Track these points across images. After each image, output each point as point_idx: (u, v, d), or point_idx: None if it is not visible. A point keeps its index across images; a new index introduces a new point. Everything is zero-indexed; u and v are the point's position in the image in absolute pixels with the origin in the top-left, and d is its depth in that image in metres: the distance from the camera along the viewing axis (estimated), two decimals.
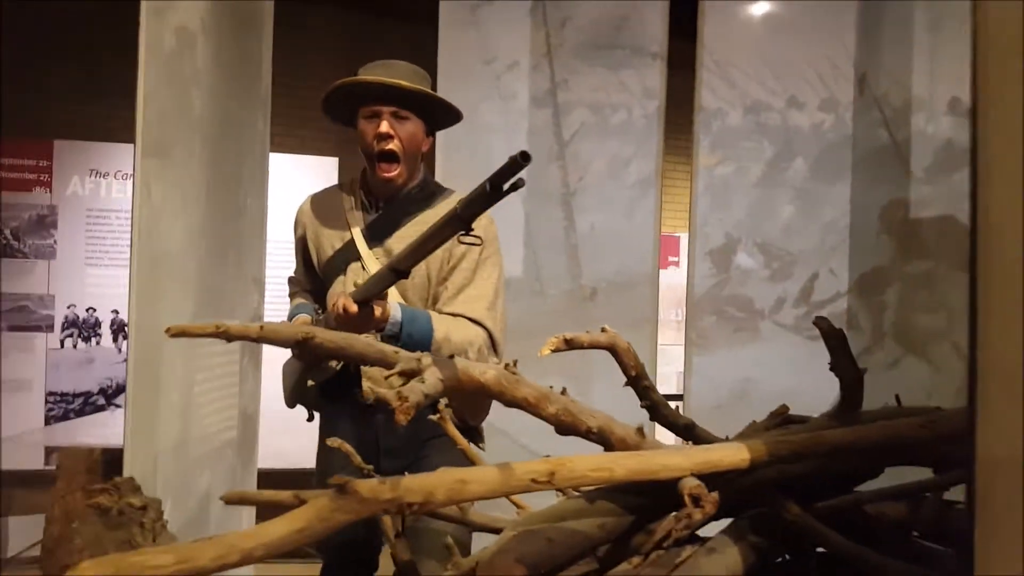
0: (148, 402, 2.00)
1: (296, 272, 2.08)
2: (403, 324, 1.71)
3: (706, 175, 2.71)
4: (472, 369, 1.33)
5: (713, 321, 2.70)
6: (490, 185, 1.18)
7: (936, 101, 2.65)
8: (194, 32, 2.20)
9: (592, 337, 1.80)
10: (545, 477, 1.14)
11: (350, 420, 1.88)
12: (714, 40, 2.70)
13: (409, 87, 1.76)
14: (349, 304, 1.60)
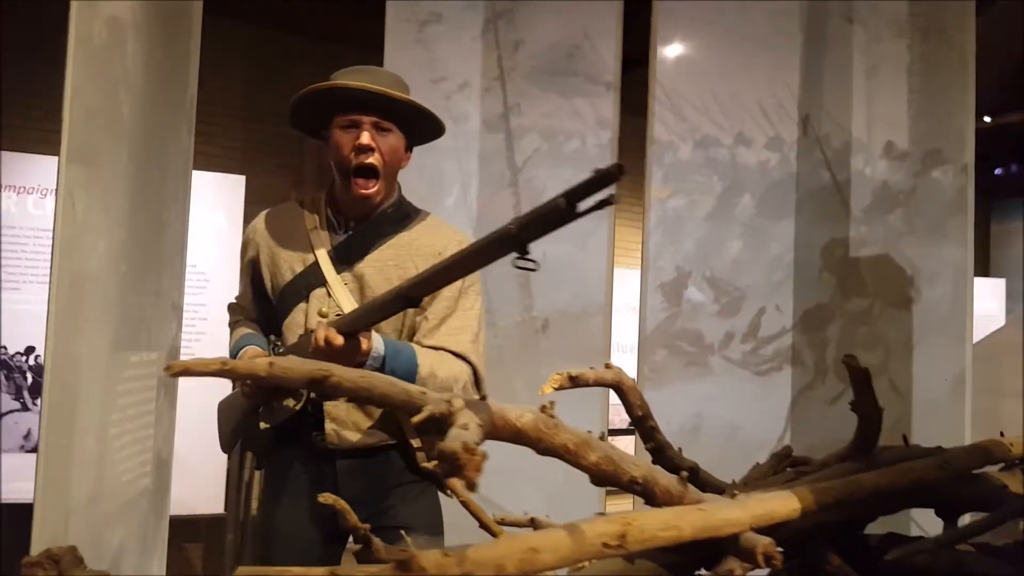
0: (62, 450, 1.70)
1: (240, 298, 1.85)
2: (386, 358, 1.54)
3: (659, 207, 2.68)
4: (508, 413, 1.18)
5: (665, 355, 2.66)
6: (566, 201, 1.01)
7: (873, 144, 2.75)
8: (125, 26, 1.94)
9: (598, 374, 1.69)
10: (616, 540, 1.01)
11: (305, 467, 1.68)
12: (665, 74, 2.70)
13: (398, 96, 1.61)
14: (333, 336, 1.41)
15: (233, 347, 1.76)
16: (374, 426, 1.65)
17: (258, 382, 1.10)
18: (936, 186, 2.68)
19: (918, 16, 2.72)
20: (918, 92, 2.72)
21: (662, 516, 1.08)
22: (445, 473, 0.94)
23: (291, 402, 1.66)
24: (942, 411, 2.65)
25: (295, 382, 1.06)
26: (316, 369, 1.05)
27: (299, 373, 1.04)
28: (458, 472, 0.89)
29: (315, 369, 1.04)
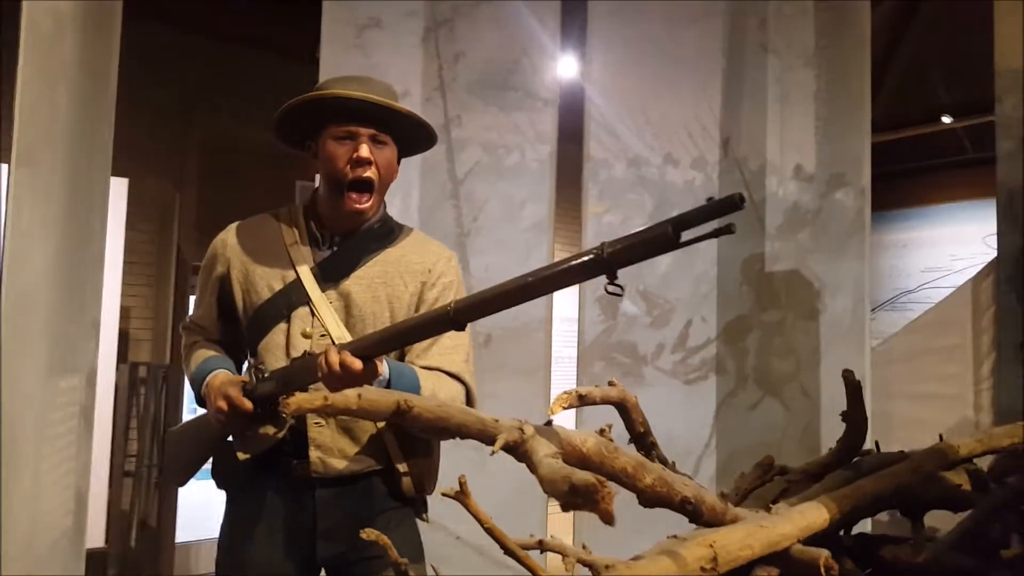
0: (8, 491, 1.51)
1: (200, 318, 1.71)
2: (390, 381, 1.47)
3: (595, 223, 2.74)
4: (573, 438, 1.18)
5: (603, 367, 2.72)
6: (673, 227, 1.00)
7: (785, 167, 2.95)
8: (64, 17, 1.75)
9: (604, 392, 1.72)
10: (710, 564, 1.04)
11: (281, 498, 1.58)
12: (599, 93, 2.76)
13: (402, 109, 1.55)
14: (351, 360, 1.31)
15: (196, 371, 1.61)
16: (361, 451, 1.57)
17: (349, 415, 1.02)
18: (839, 207, 2.91)
19: (823, 49, 2.94)
20: (823, 119, 2.95)
21: (735, 536, 1.12)
22: (576, 506, 0.93)
23: (270, 430, 1.55)
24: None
25: (379, 414, 1.00)
26: (401, 400, 1.00)
27: (385, 405, 0.99)
28: (593, 505, 0.89)
29: (400, 400, 1.00)
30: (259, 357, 1.58)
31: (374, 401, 0.99)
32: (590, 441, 1.15)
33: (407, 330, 1.30)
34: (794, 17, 2.97)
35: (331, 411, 0.94)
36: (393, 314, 1.59)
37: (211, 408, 1.52)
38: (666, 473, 1.21)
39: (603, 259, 1.06)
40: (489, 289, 1.19)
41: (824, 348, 2.91)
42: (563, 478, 0.88)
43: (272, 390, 1.49)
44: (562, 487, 0.89)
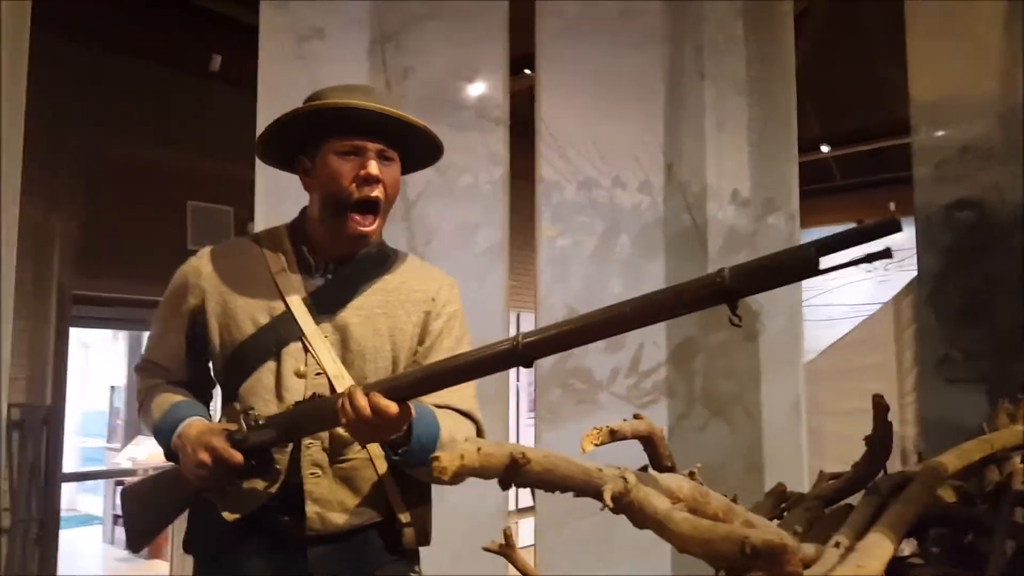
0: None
1: (163, 357, 1.49)
2: (413, 424, 1.33)
3: (548, 246, 2.67)
4: (671, 483, 1.09)
5: (560, 394, 2.65)
6: (816, 251, 0.90)
7: (723, 191, 3.01)
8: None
9: (633, 426, 1.64)
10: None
11: (266, 562, 1.38)
12: (551, 115, 2.72)
13: (419, 124, 1.41)
14: (385, 404, 1.17)
15: (164, 419, 1.40)
16: (362, 503, 1.40)
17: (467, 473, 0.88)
18: (772, 231, 3.00)
19: (754, 79, 3.04)
20: (755, 145, 3.03)
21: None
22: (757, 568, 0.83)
23: (260, 484, 1.36)
24: (785, 432, 2.95)
25: (493, 470, 0.87)
26: (516, 452, 0.87)
27: (499, 459, 0.86)
28: (779, 567, 0.80)
29: (517, 453, 0.87)
30: (244, 401, 1.38)
31: (490, 455, 0.86)
32: (686, 487, 1.07)
33: (464, 367, 1.16)
34: (727, 46, 3.05)
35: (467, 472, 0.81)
36: (395, 348, 1.45)
37: (189, 461, 1.32)
38: (749, 515, 1.14)
39: (724, 286, 0.95)
40: (577, 319, 1.08)
41: (764, 369, 2.97)
42: (734, 537, 0.78)
43: (268, 439, 1.31)
44: (727, 549, 0.79)
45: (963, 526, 1.73)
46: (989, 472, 1.88)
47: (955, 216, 2.86)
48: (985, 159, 2.78)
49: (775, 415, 2.96)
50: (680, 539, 0.86)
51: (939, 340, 2.88)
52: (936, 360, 2.91)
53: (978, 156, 2.80)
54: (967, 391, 2.78)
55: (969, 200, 2.84)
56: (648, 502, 0.92)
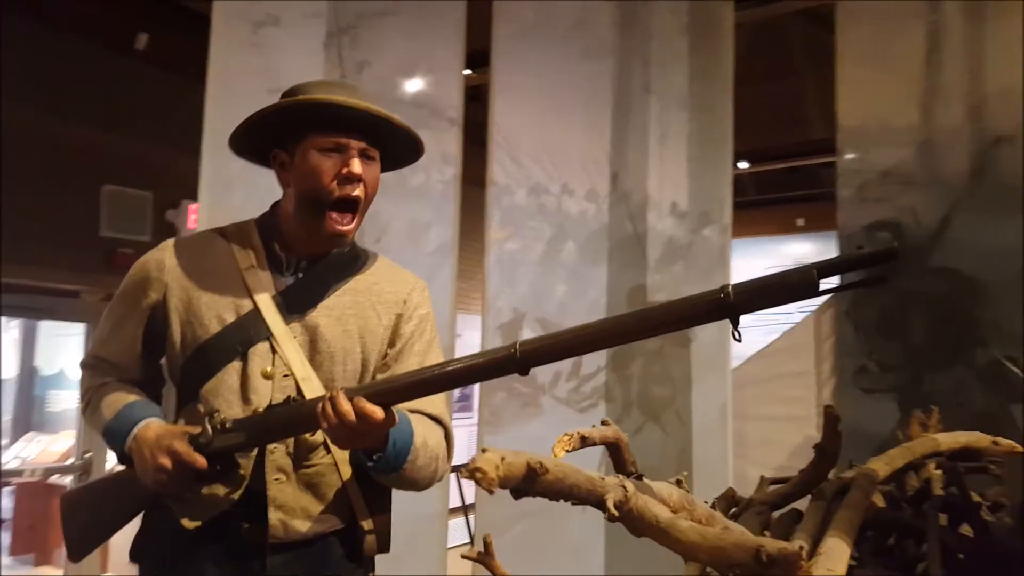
0: None
1: (113, 353, 1.43)
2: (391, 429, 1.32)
3: (497, 249, 2.69)
4: (662, 491, 1.13)
5: (504, 397, 2.67)
6: (818, 272, 0.95)
7: (663, 202, 3.11)
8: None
9: (602, 432, 1.68)
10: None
11: (222, 571, 1.34)
12: (503, 119, 2.74)
13: (403, 124, 1.39)
14: (371, 409, 1.16)
15: (117, 420, 1.35)
16: (326, 510, 1.38)
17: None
18: (707, 243, 3.12)
19: (696, 95, 3.15)
20: (694, 159, 3.15)
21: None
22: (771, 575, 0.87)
23: (221, 490, 1.32)
24: (713, 436, 3.07)
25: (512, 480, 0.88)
26: (534, 462, 0.89)
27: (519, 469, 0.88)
28: (791, 574, 0.84)
29: (533, 462, 0.89)
30: (206, 402, 1.33)
31: (511, 465, 0.88)
32: (675, 494, 1.11)
33: (460, 374, 1.17)
34: (672, 62, 3.15)
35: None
36: (364, 350, 1.43)
37: (147, 465, 1.28)
38: (727, 522, 1.20)
39: (728, 303, 1.00)
40: (583, 327, 1.11)
41: (695, 375, 3.09)
42: (747, 546, 0.83)
43: (236, 443, 1.28)
44: (740, 556, 0.83)
45: (890, 529, 1.85)
46: (909, 478, 2.02)
47: (874, 235, 3.05)
48: (904, 183, 2.98)
49: (704, 419, 3.08)
50: (686, 547, 0.89)
51: (856, 352, 3.07)
52: (853, 371, 3.10)
53: (898, 180, 2.99)
54: (881, 401, 2.97)
55: (887, 221, 3.03)
56: (648, 510, 0.95)
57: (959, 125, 2.92)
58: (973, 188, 2.85)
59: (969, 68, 2.94)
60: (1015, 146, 2.79)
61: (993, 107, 2.95)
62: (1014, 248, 2.78)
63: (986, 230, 2.77)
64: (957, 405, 2.84)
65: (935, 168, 2.94)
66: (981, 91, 2.96)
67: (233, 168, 2.24)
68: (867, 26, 3.07)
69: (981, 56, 2.90)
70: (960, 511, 1.84)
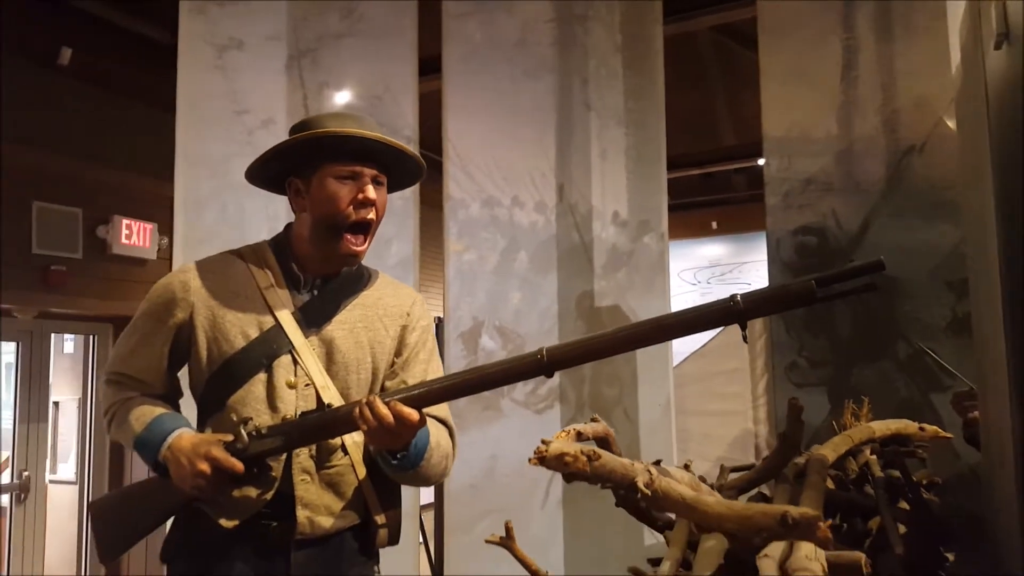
0: None
1: (139, 370, 1.51)
2: None
3: (456, 260, 2.79)
4: (676, 474, 1.27)
5: (466, 401, 2.76)
6: (817, 283, 1.10)
7: (606, 213, 3.28)
8: None
9: (594, 428, 1.82)
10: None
11: (250, 568, 1.44)
12: (457, 135, 2.84)
13: (414, 154, 1.53)
14: (407, 412, 1.29)
15: (149, 431, 1.43)
16: (346, 507, 1.49)
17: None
18: (647, 250, 3.30)
19: (631, 111, 3.33)
20: (633, 173, 3.33)
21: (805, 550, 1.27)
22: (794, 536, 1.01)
23: (253, 492, 1.42)
24: (658, 431, 3.25)
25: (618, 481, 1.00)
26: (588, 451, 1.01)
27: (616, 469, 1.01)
28: (811, 536, 0.98)
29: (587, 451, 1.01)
30: (235, 412, 1.43)
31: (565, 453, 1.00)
32: (686, 477, 1.25)
33: (492, 376, 1.29)
34: (608, 79, 3.32)
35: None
36: (375, 359, 1.54)
37: (186, 472, 1.37)
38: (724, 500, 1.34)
39: (738, 310, 1.15)
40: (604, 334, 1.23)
41: (640, 374, 3.26)
42: (771, 513, 0.96)
43: (272, 448, 1.39)
44: (765, 522, 0.97)
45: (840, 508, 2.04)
46: (848, 463, 2.23)
47: (800, 239, 3.29)
48: (825, 190, 3.23)
49: (649, 416, 3.25)
50: (713, 517, 1.03)
51: (787, 349, 3.30)
52: (785, 366, 3.33)
53: (820, 187, 3.24)
54: (812, 393, 3.20)
55: (811, 226, 3.28)
56: (673, 489, 1.09)
57: (874, 135, 3.19)
58: (889, 193, 3.12)
59: (881, 83, 3.21)
60: (925, 154, 3.07)
61: (905, 118, 3.23)
62: (928, 247, 3.04)
63: (902, 231, 3.03)
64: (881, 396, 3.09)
65: (854, 175, 3.20)
66: (893, 104, 3.23)
67: (204, 189, 2.28)
68: (787, 44, 3.31)
69: (892, 71, 3.17)
70: (898, 490, 2.05)
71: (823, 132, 3.26)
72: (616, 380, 3.22)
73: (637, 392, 3.25)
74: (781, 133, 3.36)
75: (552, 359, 1.24)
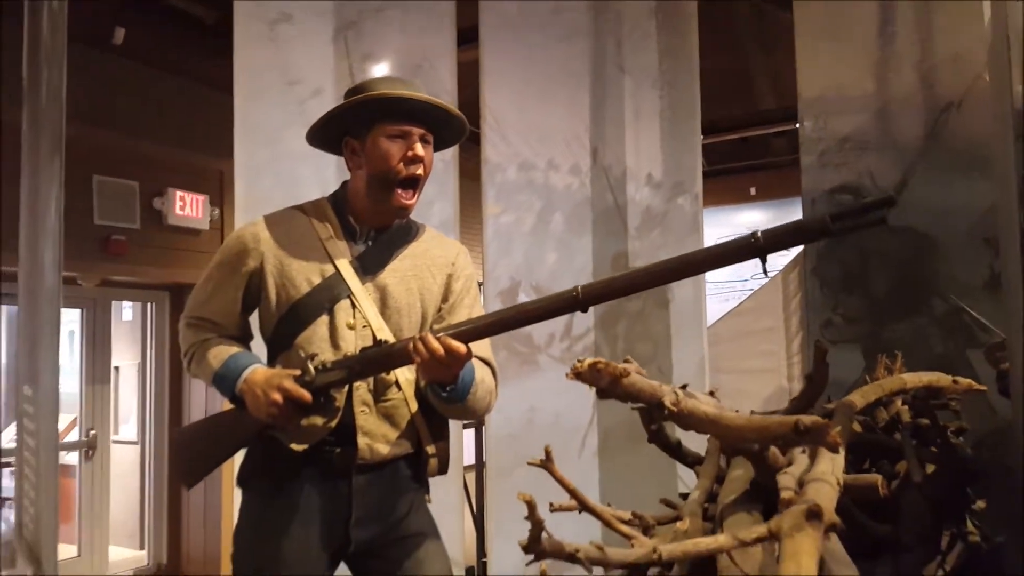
0: None
1: (215, 313, 1.68)
2: None
3: (493, 222, 2.90)
4: (701, 398, 1.36)
5: (505, 355, 2.89)
6: (831, 218, 1.19)
7: (640, 174, 3.34)
8: None
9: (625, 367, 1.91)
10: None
11: (318, 488, 1.61)
12: (494, 101, 2.93)
13: (458, 114, 1.66)
14: (456, 345, 1.43)
15: (225, 368, 1.60)
16: (401, 436, 1.65)
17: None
18: (680, 211, 3.36)
19: (665, 72, 3.37)
20: (667, 134, 3.37)
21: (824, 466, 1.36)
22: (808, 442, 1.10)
23: (319, 420, 1.58)
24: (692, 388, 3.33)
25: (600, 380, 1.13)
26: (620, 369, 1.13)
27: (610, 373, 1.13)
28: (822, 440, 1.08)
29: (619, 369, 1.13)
30: (303, 350, 1.59)
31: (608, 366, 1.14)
32: (712, 400, 1.34)
33: (531, 312, 1.41)
34: (642, 41, 3.36)
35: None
36: (424, 304, 1.69)
37: (261, 403, 1.52)
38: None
39: (759, 245, 1.25)
40: (622, 275, 1.34)
41: (674, 332, 3.34)
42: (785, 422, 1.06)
43: (336, 380, 1.54)
44: (781, 431, 1.07)
45: (867, 451, 2.11)
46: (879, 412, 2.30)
47: (836, 199, 3.31)
48: (862, 149, 3.24)
49: (683, 373, 3.33)
50: (734, 431, 1.13)
51: (822, 306, 3.33)
52: (820, 324, 3.37)
53: (856, 146, 3.25)
54: (846, 351, 3.25)
55: (848, 185, 3.29)
56: (698, 408, 1.20)
57: (912, 92, 3.18)
58: (926, 151, 3.12)
59: (919, 38, 3.20)
60: (963, 111, 3.06)
61: (942, 74, 3.21)
62: (965, 206, 3.04)
63: (939, 190, 3.03)
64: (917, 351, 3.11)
65: (891, 133, 3.20)
66: (931, 59, 3.22)
67: (261, 156, 2.43)
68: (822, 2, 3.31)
69: (930, 26, 3.15)
70: (927, 435, 2.11)
71: (859, 90, 3.26)
72: (650, 338, 3.30)
73: (671, 350, 3.33)
74: (816, 93, 3.37)
75: (587, 295, 1.35)
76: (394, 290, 1.65)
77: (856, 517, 1.40)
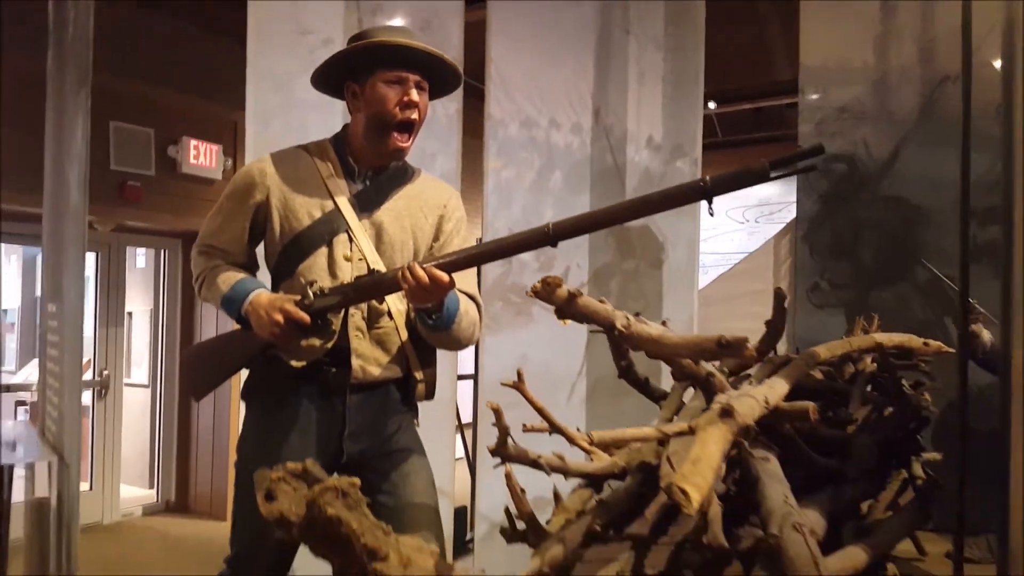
0: None
1: (225, 242, 1.81)
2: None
3: (494, 176, 3.00)
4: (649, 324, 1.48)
5: (500, 306, 3.01)
6: (771, 165, 1.31)
7: (640, 136, 3.42)
8: None
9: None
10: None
11: (315, 403, 1.75)
12: (499, 56, 3.02)
13: (452, 63, 1.76)
14: (439, 274, 1.55)
15: (233, 291, 1.73)
16: (391, 360, 1.78)
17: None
18: (679, 173, 3.45)
19: (671, 36, 3.44)
20: (668, 97, 3.45)
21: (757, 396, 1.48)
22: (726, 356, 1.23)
23: (316, 342, 1.71)
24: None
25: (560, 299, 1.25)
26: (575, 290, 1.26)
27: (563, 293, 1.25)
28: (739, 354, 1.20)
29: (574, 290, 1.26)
30: (305, 276, 1.71)
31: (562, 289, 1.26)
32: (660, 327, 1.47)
33: (505, 246, 1.53)
34: (648, 6, 3.43)
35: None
36: (416, 242, 1.81)
37: (264, 322, 1.65)
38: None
39: (706, 188, 1.36)
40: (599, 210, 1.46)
41: (666, 292, 3.45)
42: (711, 338, 1.18)
43: (333, 304, 1.67)
44: (708, 345, 1.19)
45: (825, 395, 2.23)
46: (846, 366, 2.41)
47: (831, 167, 3.39)
48: (858, 119, 3.32)
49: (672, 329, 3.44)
50: (672, 347, 1.26)
51: (810, 272, 3.44)
52: (807, 288, 3.48)
53: (852, 116, 3.33)
54: (831, 315, 3.36)
55: (842, 154, 3.38)
56: (644, 330, 1.32)
57: (910, 65, 3.25)
58: (921, 122, 3.20)
59: (920, 11, 3.26)
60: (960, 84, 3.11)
61: (941, 48, 3.27)
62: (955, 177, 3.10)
63: (931, 160, 3.11)
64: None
65: (887, 104, 3.27)
66: (931, 33, 3.28)
67: (272, 103, 2.54)
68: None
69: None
70: (887, 387, 2.22)
71: (859, 61, 3.33)
72: (642, 296, 3.41)
73: (662, 308, 3.44)
74: (818, 63, 3.44)
75: (557, 231, 1.46)
76: (389, 227, 1.76)
77: (801, 448, 1.52)
